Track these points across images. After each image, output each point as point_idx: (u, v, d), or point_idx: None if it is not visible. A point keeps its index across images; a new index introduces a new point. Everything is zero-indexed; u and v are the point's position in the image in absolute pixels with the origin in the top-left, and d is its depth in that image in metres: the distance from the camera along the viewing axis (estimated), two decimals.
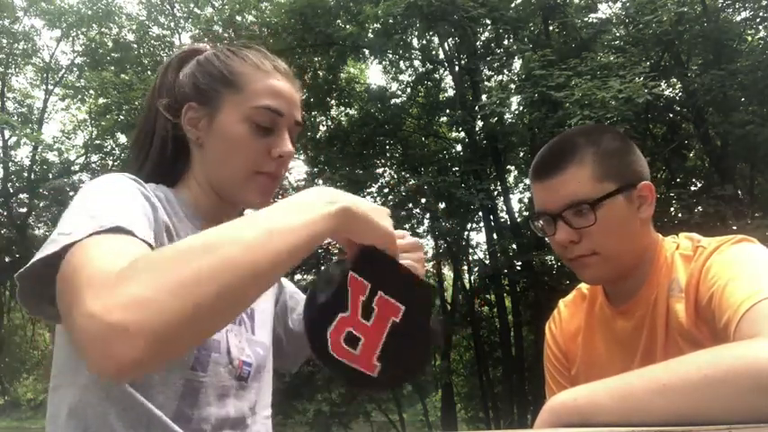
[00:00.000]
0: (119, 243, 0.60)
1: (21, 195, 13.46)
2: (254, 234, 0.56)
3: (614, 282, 1.05)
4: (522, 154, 10.73)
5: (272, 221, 0.58)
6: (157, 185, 0.85)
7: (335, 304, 0.70)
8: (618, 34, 8.34)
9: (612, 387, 0.70)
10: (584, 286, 1.17)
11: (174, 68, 0.92)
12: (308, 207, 0.61)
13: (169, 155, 0.89)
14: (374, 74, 16.07)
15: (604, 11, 9.24)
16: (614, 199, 0.99)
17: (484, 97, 8.99)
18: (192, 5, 12.37)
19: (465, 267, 11.72)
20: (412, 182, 9.61)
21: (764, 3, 7.87)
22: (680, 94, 8.51)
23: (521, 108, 8.99)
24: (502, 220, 9.99)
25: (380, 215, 0.69)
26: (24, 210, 13.59)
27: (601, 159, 1.00)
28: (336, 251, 10.36)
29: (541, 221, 1.05)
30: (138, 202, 0.72)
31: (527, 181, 11.35)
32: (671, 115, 8.82)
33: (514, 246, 9.49)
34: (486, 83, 9.96)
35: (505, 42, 9.61)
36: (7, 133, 13.18)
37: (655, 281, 1.01)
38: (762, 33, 8.41)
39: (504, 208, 10.10)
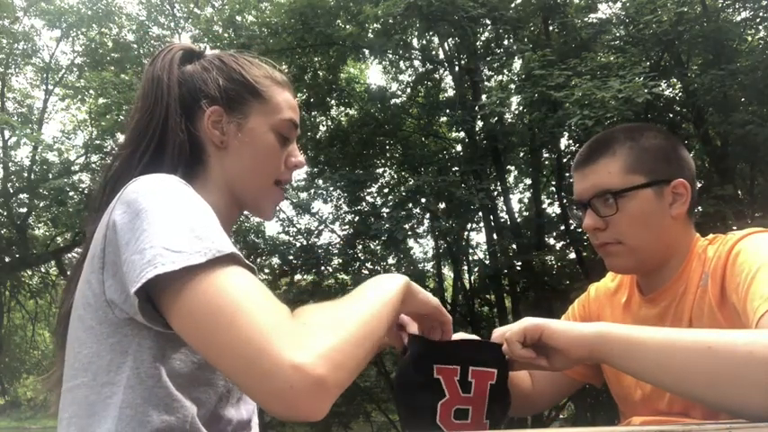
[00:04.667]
0: (251, 278, 0.67)
1: (21, 195, 13.44)
2: (373, 307, 0.71)
3: (642, 273, 1.09)
4: (522, 154, 10.72)
5: (378, 297, 0.73)
6: None
7: (431, 398, 0.85)
8: (618, 34, 8.33)
9: (658, 334, 0.78)
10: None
11: (177, 66, 0.91)
12: (388, 286, 0.77)
13: (188, 156, 0.88)
14: (374, 74, 16.07)
15: (604, 11, 9.21)
16: (641, 192, 1.02)
17: (484, 97, 8.98)
18: (191, 5, 12.35)
19: (465, 267, 11.72)
20: (411, 182, 9.61)
21: (764, 3, 7.86)
22: (680, 94, 8.50)
23: (521, 108, 8.98)
24: (502, 220, 9.97)
25: (428, 293, 0.87)
26: (24, 210, 13.57)
27: (635, 153, 1.04)
28: (337, 249, 10.35)
29: (576, 210, 1.13)
30: (214, 217, 0.74)
31: (527, 181, 11.36)
32: (671, 115, 8.81)
33: (514, 246, 9.48)
34: (486, 83, 9.95)
35: (505, 42, 9.59)
36: (7, 133, 13.17)
37: (686, 275, 1.03)
38: (762, 33, 8.41)
39: (504, 208, 10.09)
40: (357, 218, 10.19)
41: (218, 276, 0.64)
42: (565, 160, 9.27)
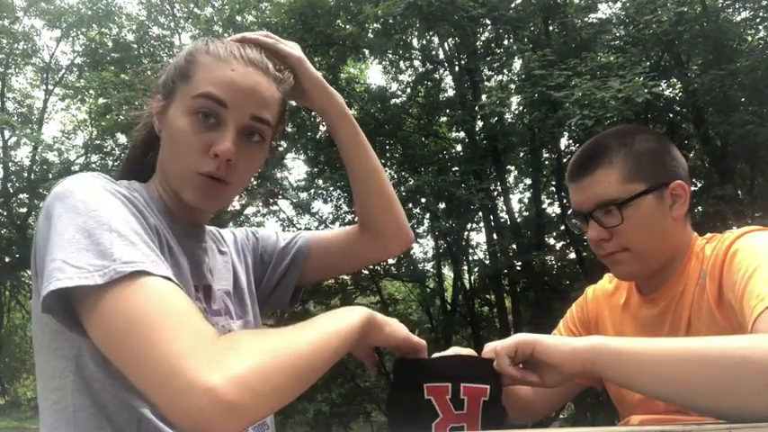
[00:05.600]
0: (168, 294, 0.63)
1: (21, 195, 13.46)
2: (316, 338, 0.67)
3: (647, 277, 1.08)
4: (522, 154, 10.72)
5: (326, 329, 0.70)
6: (130, 182, 0.83)
7: (424, 420, 0.83)
8: (618, 34, 8.34)
9: (651, 345, 0.77)
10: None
11: None
12: (345, 318, 0.73)
13: (141, 150, 0.91)
14: (374, 74, 16.09)
15: (604, 11, 9.23)
16: (643, 199, 1.02)
17: (484, 97, 8.99)
18: (191, 5, 12.36)
19: (465, 267, 11.72)
20: (411, 182, 9.61)
21: (764, 3, 7.86)
22: (680, 94, 8.51)
23: (521, 108, 8.99)
24: (502, 220, 9.98)
25: (396, 323, 0.84)
26: (24, 210, 13.59)
27: (631, 160, 1.04)
28: None
29: (575, 220, 1.11)
30: (133, 220, 0.70)
31: (527, 181, 11.36)
32: (671, 115, 8.82)
33: (514, 246, 9.48)
34: (486, 83, 9.96)
35: (505, 42, 9.60)
36: (7, 133, 13.19)
37: (685, 274, 1.03)
38: (762, 33, 8.42)
39: (504, 208, 10.10)
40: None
41: (129, 293, 0.61)
42: (565, 160, 9.27)
